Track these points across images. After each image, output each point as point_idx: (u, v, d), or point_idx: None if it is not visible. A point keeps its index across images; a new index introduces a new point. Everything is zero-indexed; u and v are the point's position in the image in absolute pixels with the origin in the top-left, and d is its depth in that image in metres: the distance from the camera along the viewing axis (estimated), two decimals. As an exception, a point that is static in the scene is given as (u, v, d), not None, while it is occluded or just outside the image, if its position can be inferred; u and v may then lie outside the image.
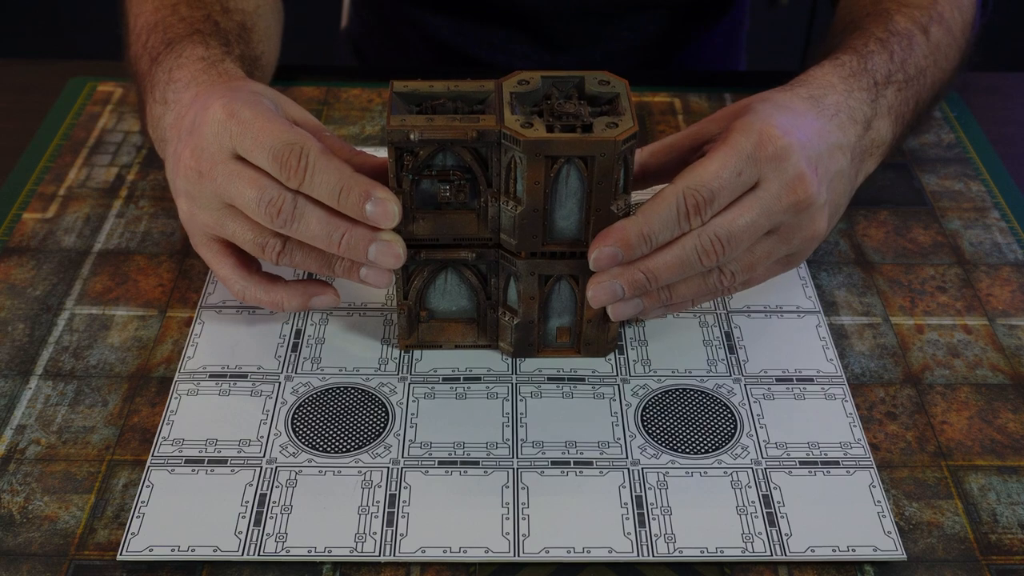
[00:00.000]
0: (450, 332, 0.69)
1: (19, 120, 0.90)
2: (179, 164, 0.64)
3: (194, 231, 0.66)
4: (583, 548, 0.58)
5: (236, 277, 0.66)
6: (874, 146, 0.72)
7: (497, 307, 0.67)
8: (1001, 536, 0.60)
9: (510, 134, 0.60)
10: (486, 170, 0.62)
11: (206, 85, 0.69)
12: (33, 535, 0.59)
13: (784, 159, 0.62)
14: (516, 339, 0.67)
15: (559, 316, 0.67)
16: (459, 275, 0.66)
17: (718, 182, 0.61)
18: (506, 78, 0.64)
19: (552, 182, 0.61)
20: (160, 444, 0.63)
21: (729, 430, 0.65)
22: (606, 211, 0.62)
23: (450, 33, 1.07)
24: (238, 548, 0.58)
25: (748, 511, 0.60)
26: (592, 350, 0.68)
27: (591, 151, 0.60)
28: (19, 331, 0.70)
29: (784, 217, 0.63)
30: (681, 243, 0.62)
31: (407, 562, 0.57)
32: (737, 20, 1.16)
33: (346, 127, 0.89)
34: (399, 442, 0.63)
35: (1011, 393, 0.68)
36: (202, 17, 0.78)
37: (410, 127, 0.60)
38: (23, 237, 0.78)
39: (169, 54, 0.74)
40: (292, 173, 0.60)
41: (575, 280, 0.65)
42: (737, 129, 0.63)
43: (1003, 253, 0.78)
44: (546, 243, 0.63)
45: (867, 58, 0.73)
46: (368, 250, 0.61)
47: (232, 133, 0.61)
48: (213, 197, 0.63)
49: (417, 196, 0.63)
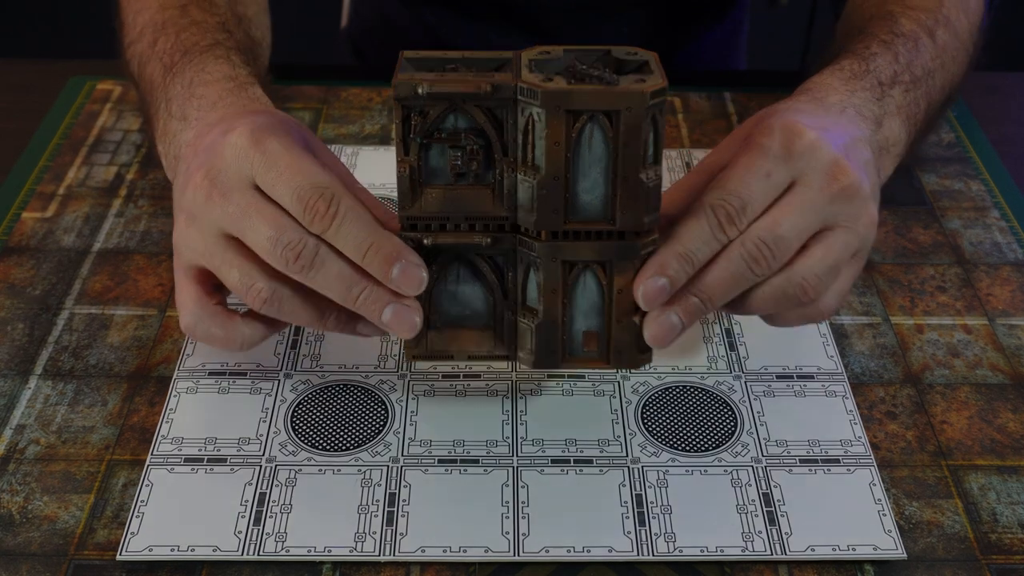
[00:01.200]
0: (462, 340, 0.61)
1: (19, 120, 0.90)
2: (189, 182, 0.60)
3: (181, 252, 0.61)
4: (583, 547, 0.58)
5: (192, 306, 0.60)
6: (889, 144, 0.69)
7: (515, 308, 0.60)
8: (1001, 536, 0.60)
9: (528, 87, 0.54)
10: (501, 134, 0.56)
11: (235, 107, 0.65)
12: (33, 535, 0.58)
13: (816, 150, 0.58)
14: (537, 344, 0.60)
15: (585, 317, 0.59)
16: (472, 269, 0.60)
17: (746, 188, 0.57)
18: (526, 50, 0.58)
19: (574, 144, 0.55)
20: (159, 443, 0.63)
21: (729, 428, 0.65)
22: (635, 180, 0.55)
23: (449, 31, 1.07)
24: (238, 548, 0.58)
25: (748, 510, 0.60)
26: (624, 360, 0.60)
27: (616, 104, 0.54)
28: (18, 331, 0.70)
29: (833, 208, 0.58)
30: (727, 255, 0.57)
31: (407, 562, 0.57)
32: (737, 20, 1.16)
33: (346, 126, 0.89)
34: (399, 440, 0.63)
35: (1011, 393, 0.68)
36: (217, 25, 0.75)
37: (419, 80, 0.55)
38: (22, 236, 0.78)
39: (188, 65, 0.70)
40: (318, 218, 0.56)
41: (603, 268, 0.58)
42: (757, 134, 0.59)
43: (1003, 253, 0.78)
44: (568, 220, 0.57)
45: (868, 60, 0.71)
46: (383, 312, 0.57)
47: (254, 162, 0.57)
48: (216, 225, 0.58)
49: (426, 169, 0.57)
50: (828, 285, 0.59)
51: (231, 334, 0.60)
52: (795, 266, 0.58)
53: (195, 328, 0.60)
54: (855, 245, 0.60)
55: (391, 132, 0.89)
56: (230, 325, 0.60)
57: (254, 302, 0.58)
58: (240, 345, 0.61)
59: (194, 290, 0.61)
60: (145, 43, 0.75)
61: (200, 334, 0.61)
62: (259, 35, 0.82)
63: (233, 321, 0.61)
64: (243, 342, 0.61)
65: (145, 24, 0.76)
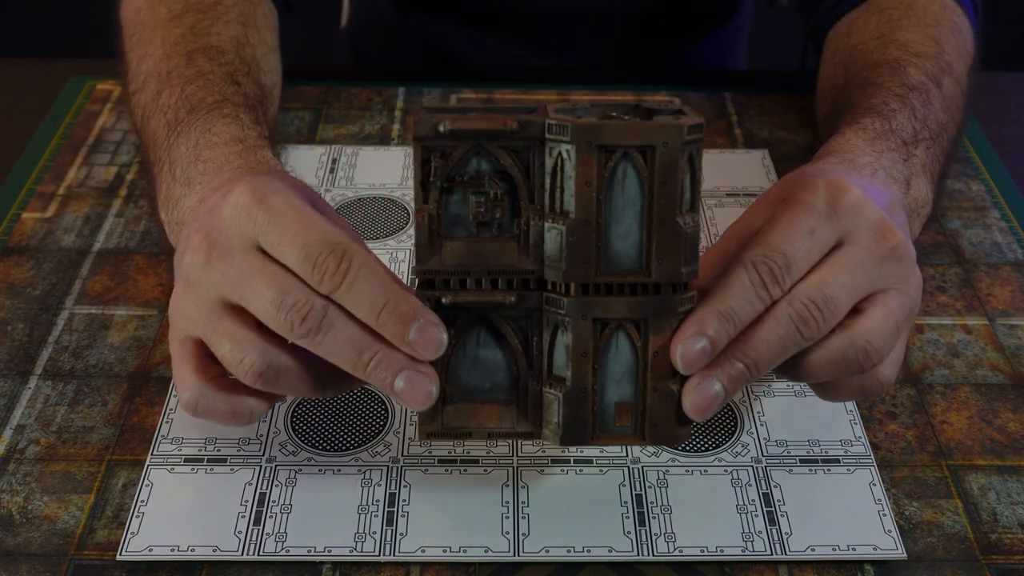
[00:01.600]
0: (482, 415, 0.55)
1: (19, 120, 0.90)
2: (188, 246, 0.55)
3: (177, 321, 0.57)
4: (583, 547, 0.58)
5: (191, 381, 0.55)
6: (918, 206, 0.66)
7: (541, 377, 0.55)
8: (1001, 536, 0.60)
9: (556, 123, 0.50)
10: (528, 178, 0.52)
11: (241, 170, 0.61)
12: (33, 535, 0.58)
13: (863, 207, 0.55)
14: (565, 417, 0.54)
15: (617, 385, 0.54)
16: (494, 333, 0.54)
17: (791, 246, 0.53)
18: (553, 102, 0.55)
19: (606, 186, 0.51)
20: (159, 443, 0.63)
21: (729, 428, 0.65)
22: (672, 226, 0.51)
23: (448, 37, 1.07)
24: (238, 548, 0.58)
25: (748, 510, 0.60)
26: (660, 435, 0.55)
27: (652, 138, 0.50)
28: (18, 331, 0.70)
29: (883, 270, 0.55)
30: (774, 316, 0.53)
31: (407, 561, 0.57)
32: (737, 22, 1.16)
33: (346, 126, 0.90)
34: (399, 440, 0.63)
35: (1011, 393, 0.68)
36: (224, 76, 0.71)
37: (440, 118, 0.50)
38: (22, 237, 0.78)
39: (193, 124, 0.66)
40: (328, 276, 0.51)
41: (636, 329, 0.53)
42: (799, 191, 0.55)
43: (1003, 253, 0.78)
44: (600, 272, 0.52)
45: (890, 118, 0.68)
46: (396, 380, 0.52)
47: (257, 221, 0.53)
48: (214, 290, 0.54)
49: (445, 219, 0.53)
50: (891, 349, 0.55)
51: (237, 408, 0.56)
52: (856, 329, 0.54)
53: (197, 404, 0.55)
54: (908, 308, 0.56)
55: (391, 132, 0.89)
56: (235, 398, 0.55)
57: (246, 377, 0.53)
58: (248, 419, 0.56)
59: (192, 363, 0.56)
60: (149, 94, 0.71)
61: (203, 410, 0.55)
62: (268, 80, 0.78)
63: (237, 393, 0.56)
64: (250, 415, 0.56)
65: (149, 72, 0.73)
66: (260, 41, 0.79)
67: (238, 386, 0.55)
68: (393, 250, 0.77)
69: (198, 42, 0.74)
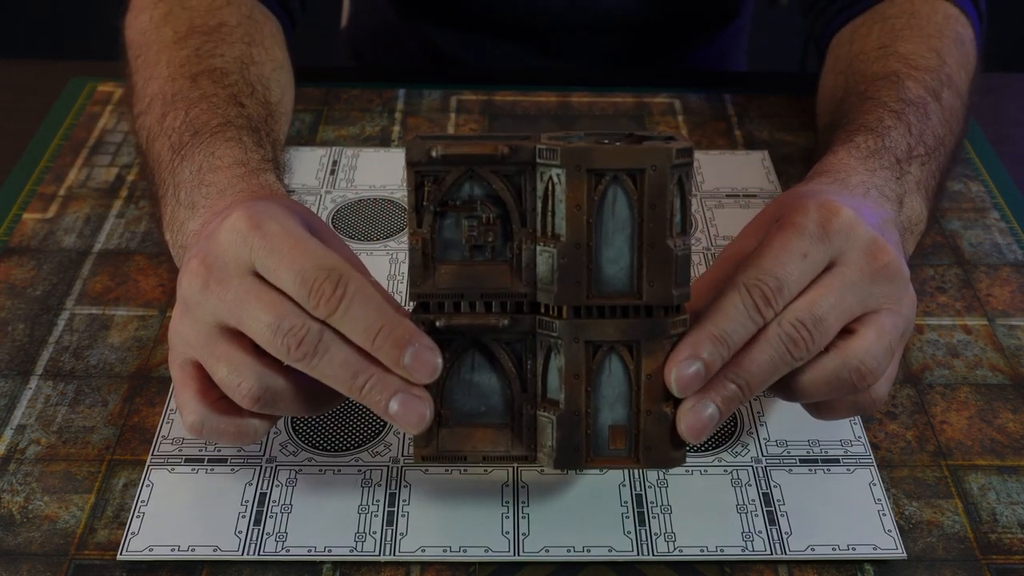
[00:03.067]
0: (477, 439, 0.56)
1: (19, 120, 0.90)
2: (186, 270, 0.56)
3: (175, 345, 0.57)
4: (583, 547, 0.58)
5: (194, 404, 0.56)
6: (912, 224, 0.66)
7: (535, 401, 0.55)
8: (1001, 536, 0.60)
9: (546, 148, 0.52)
10: (520, 203, 0.53)
11: (243, 194, 0.62)
12: (33, 535, 0.59)
13: (854, 228, 0.55)
14: (559, 440, 0.54)
15: (611, 408, 0.55)
16: (488, 357, 0.55)
17: (783, 269, 0.54)
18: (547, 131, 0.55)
19: (596, 209, 0.52)
20: (160, 443, 0.63)
21: (729, 427, 0.65)
22: (662, 248, 0.52)
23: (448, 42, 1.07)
24: (238, 548, 0.58)
25: (748, 509, 0.60)
26: (655, 458, 0.55)
27: (641, 161, 0.51)
28: (19, 331, 0.70)
29: (875, 289, 0.56)
30: (765, 337, 0.53)
31: (407, 561, 0.57)
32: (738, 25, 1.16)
33: (346, 127, 0.90)
34: (399, 440, 0.63)
35: (1011, 393, 0.68)
36: (228, 98, 0.71)
37: (432, 144, 0.52)
38: (23, 237, 0.78)
39: (197, 148, 0.67)
40: (323, 301, 0.52)
41: (629, 351, 0.54)
42: (791, 212, 0.56)
43: (1003, 253, 0.78)
44: (591, 294, 0.53)
45: (883, 136, 0.68)
46: (391, 403, 0.53)
47: (253, 246, 0.54)
48: (211, 314, 0.54)
49: (439, 243, 0.54)
50: (884, 369, 0.56)
51: (241, 428, 0.56)
52: (849, 349, 0.55)
53: (201, 427, 0.56)
54: (902, 327, 0.56)
55: (391, 134, 0.89)
56: (238, 420, 0.56)
57: (243, 400, 0.54)
58: (252, 439, 0.57)
59: (194, 387, 0.56)
60: (154, 117, 0.72)
61: (207, 432, 0.56)
62: (276, 97, 0.78)
63: (240, 415, 0.56)
64: (254, 435, 0.57)
65: (154, 95, 0.73)
66: (268, 58, 0.80)
67: (240, 408, 0.55)
68: (393, 251, 0.77)
69: (202, 64, 0.74)
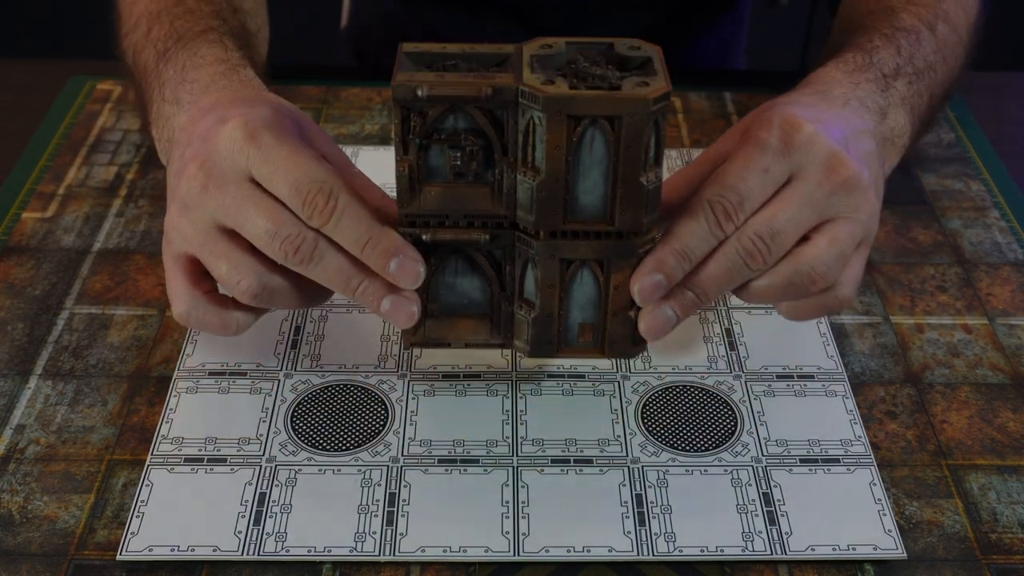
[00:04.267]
0: (459, 328, 0.63)
1: (19, 120, 0.90)
2: (183, 173, 0.59)
3: (171, 240, 0.61)
4: (583, 547, 0.58)
5: (184, 294, 0.61)
6: (894, 135, 0.69)
7: (512, 300, 0.61)
8: (1001, 535, 0.60)
9: (529, 91, 0.54)
10: (502, 135, 0.56)
11: (228, 91, 0.65)
12: (33, 535, 0.58)
13: (813, 143, 0.59)
14: (533, 336, 0.61)
15: (581, 310, 0.61)
16: (470, 262, 0.60)
17: (744, 184, 0.58)
18: (527, 42, 0.58)
19: (575, 148, 0.55)
20: (159, 443, 0.63)
21: (729, 427, 0.65)
22: (635, 184, 0.56)
23: (447, 29, 1.07)
24: (238, 548, 0.58)
25: (748, 509, 0.60)
26: (618, 350, 0.62)
27: (618, 110, 0.54)
28: (18, 331, 0.70)
29: (833, 200, 0.59)
30: (723, 250, 0.58)
31: (407, 561, 0.57)
32: (737, 20, 1.16)
33: (346, 126, 0.90)
34: (399, 440, 0.63)
35: (1011, 393, 0.68)
36: (211, 12, 0.75)
37: (418, 82, 0.55)
38: (22, 236, 0.78)
39: (181, 50, 0.70)
40: (316, 213, 0.56)
41: (600, 266, 0.59)
42: (756, 128, 0.60)
43: (1003, 252, 0.78)
44: (567, 220, 0.57)
45: (871, 53, 0.71)
46: (382, 302, 0.58)
47: (250, 156, 0.57)
48: (210, 216, 0.58)
49: (425, 167, 0.57)
50: (836, 274, 0.59)
51: (226, 320, 0.61)
52: (802, 256, 0.59)
53: (189, 316, 0.61)
54: (859, 235, 0.60)
55: (391, 132, 0.89)
56: (224, 312, 0.61)
57: (243, 296, 0.59)
58: (235, 330, 0.61)
59: (185, 278, 0.61)
60: (140, 32, 0.75)
61: (194, 321, 0.61)
62: (254, 27, 0.82)
63: (227, 308, 0.61)
64: (238, 327, 0.62)
65: (140, 14, 0.76)
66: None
67: (227, 300, 0.61)
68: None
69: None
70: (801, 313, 0.62)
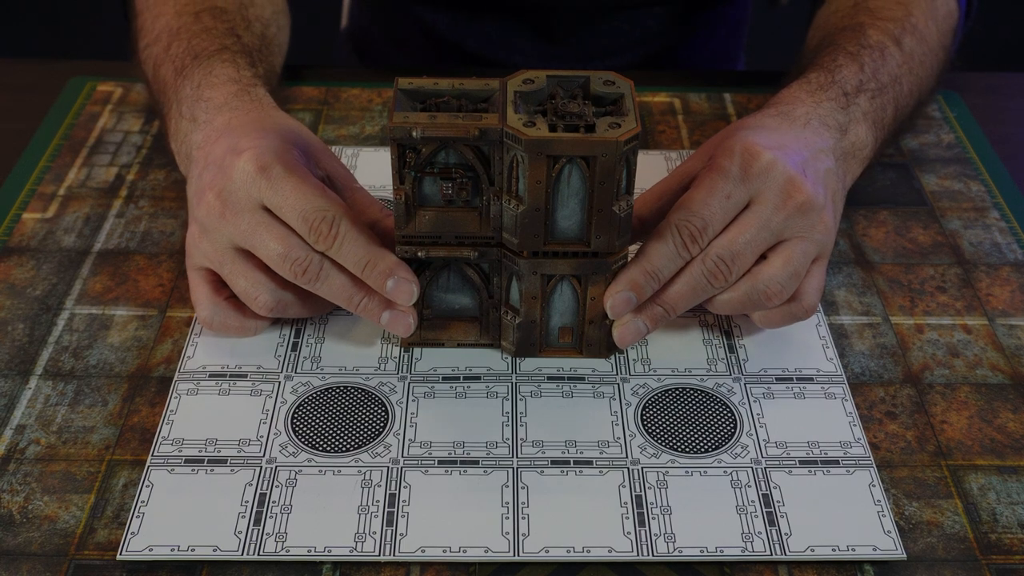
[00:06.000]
0: (452, 330, 0.69)
1: (19, 120, 0.90)
2: (202, 199, 0.66)
3: (192, 255, 0.68)
4: (583, 548, 0.58)
5: (207, 301, 0.68)
6: (855, 149, 0.74)
7: (499, 306, 0.67)
8: (1001, 536, 0.60)
9: (512, 133, 0.60)
10: (488, 168, 0.62)
11: (240, 112, 0.71)
12: (33, 535, 0.59)
13: (771, 170, 0.65)
14: (518, 338, 0.68)
15: (561, 316, 0.67)
16: (461, 273, 0.66)
17: (708, 209, 0.63)
18: (511, 76, 0.64)
19: (554, 181, 0.61)
20: (160, 444, 0.63)
21: (729, 429, 0.65)
22: (608, 212, 0.62)
23: (448, 28, 1.07)
24: (238, 548, 0.58)
25: (748, 510, 0.60)
26: (594, 351, 0.68)
27: (593, 151, 0.60)
28: (19, 331, 0.70)
29: (788, 223, 0.65)
30: (689, 271, 0.64)
31: (407, 562, 0.57)
32: (738, 20, 1.16)
33: (346, 127, 0.90)
34: (399, 441, 0.63)
35: (1011, 393, 0.68)
36: (226, 30, 0.80)
37: (412, 124, 0.61)
38: (23, 237, 0.78)
39: (196, 68, 0.75)
40: (321, 239, 0.63)
41: (577, 280, 0.65)
42: (719, 155, 0.65)
43: (1003, 253, 0.78)
44: (548, 242, 0.64)
45: (834, 72, 0.75)
46: (382, 316, 0.65)
47: (261, 187, 0.64)
48: (228, 238, 0.65)
49: (419, 194, 0.63)
50: (791, 290, 0.66)
51: (245, 324, 0.69)
52: (759, 275, 0.65)
53: (212, 321, 0.68)
54: (813, 252, 0.66)
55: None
56: (243, 318, 0.69)
57: (260, 309, 0.66)
58: (254, 331, 0.69)
59: (207, 288, 0.68)
60: (160, 47, 0.80)
61: (217, 326, 0.68)
62: (273, 32, 0.86)
63: (245, 312, 0.68)
64: (255, 330, 0.69)
65: (161, 30, 0.81)
66: (267, 2, 0.88)
67: (244, 307, 0.68)
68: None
69: (205, 3, 0.82)
70: (772, 322, 0.68)
